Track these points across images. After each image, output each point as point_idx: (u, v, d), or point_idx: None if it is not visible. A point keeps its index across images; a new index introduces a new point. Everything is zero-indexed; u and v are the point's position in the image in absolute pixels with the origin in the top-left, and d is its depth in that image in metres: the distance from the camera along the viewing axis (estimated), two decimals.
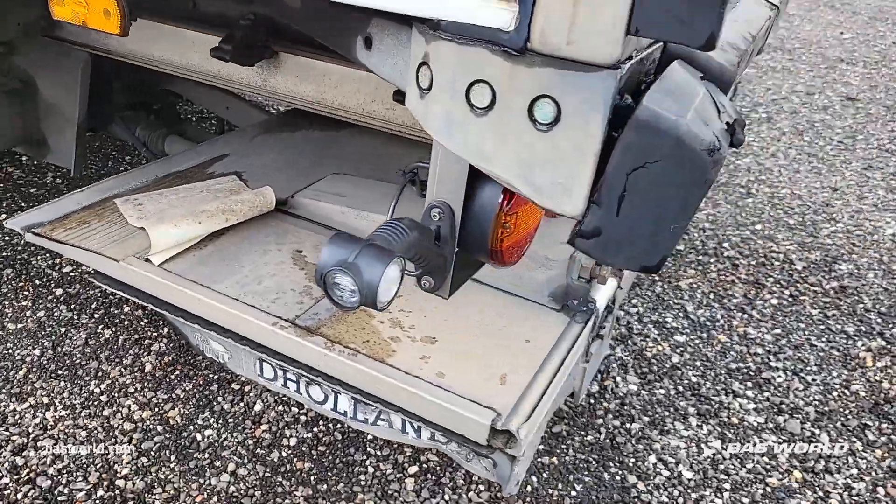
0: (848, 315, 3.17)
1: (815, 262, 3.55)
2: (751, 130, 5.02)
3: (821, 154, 4.71)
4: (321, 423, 2.36)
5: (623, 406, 2.61)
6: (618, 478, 2.31)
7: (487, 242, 1.05)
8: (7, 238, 3.12)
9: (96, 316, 2.74)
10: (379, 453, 2.29)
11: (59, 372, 2.47)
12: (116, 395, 2.40)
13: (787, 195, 4.20)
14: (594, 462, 2.38)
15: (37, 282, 2.90)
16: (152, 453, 2.20)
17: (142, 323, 2.70)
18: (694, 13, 0.69)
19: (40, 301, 2.81)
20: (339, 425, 2.37)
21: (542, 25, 0.77)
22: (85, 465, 2.14)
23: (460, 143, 0.88)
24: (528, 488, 2.25)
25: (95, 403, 2.36)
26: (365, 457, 2.28)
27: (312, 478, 2.19)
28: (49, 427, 2.26)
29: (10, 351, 2.55)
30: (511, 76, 0.81)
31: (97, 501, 2.04)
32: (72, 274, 2.92)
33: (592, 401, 2.62)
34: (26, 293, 2.85)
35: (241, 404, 2.42)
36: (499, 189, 1.03)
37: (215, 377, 2.50)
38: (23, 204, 3.41)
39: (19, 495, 2.03)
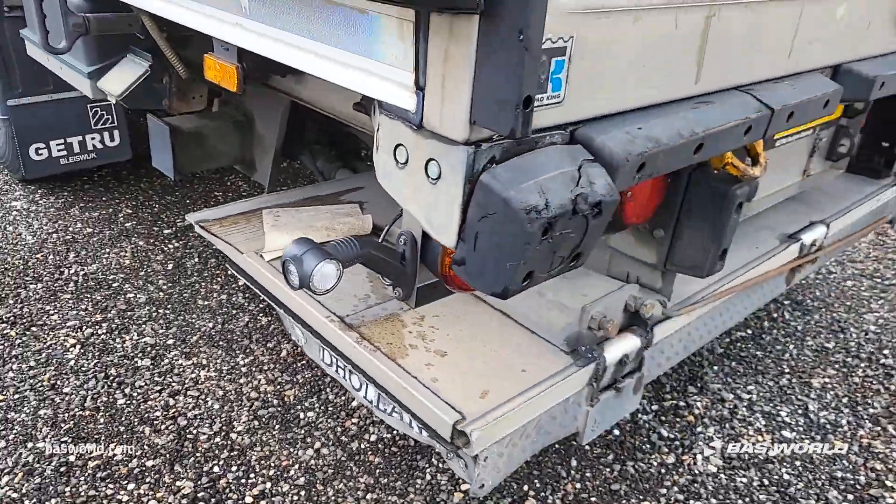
0: None
1: None
2: None
3: None
4: None
5: (694, 483, 2.67)
6: None
7: (438, 268, 1.40)
8: None
9: (260, 306, 3.47)
10: (440, 465, 2.65)
11: (220, 343, 3.20)
12: (253, 369, 3.05)
13: None
14: None
15: (228, 271, 3.73)
16: (263, 420, 2.79)
17: None
18: (500, 113, 1.02)
19: (226, 287, 3.62)
20: None
21: (427, 111, 1.14)
22: (213, 417, 2.79)
23: (391, 187, 1.27)
24: None
25: (236, 372, 3.03)
26: (427, 465, 2.65)
27: (378, 470, 2.62)
28: (199, 382, 2.96)
29: (193, 321, 3.34)
30: (416, 143, 1.18)
31: (213, 445, 2.66)
32: None
33: (664, 470, 2.71)
34: (219, 279, 3.68)
35: (343, 398, 2.93)
36: None
37: None
38: None
39: (162, 427, 2.72)
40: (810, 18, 1.70)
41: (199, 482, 2.52)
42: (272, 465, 2.62)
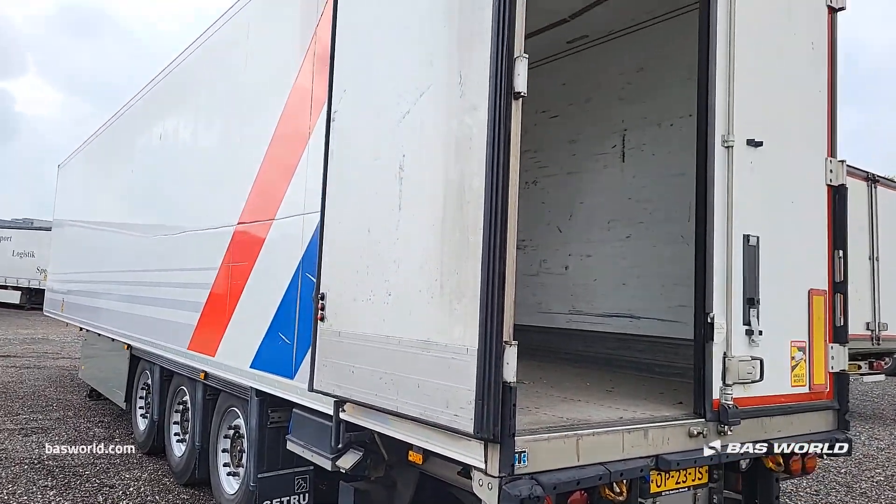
0: None
1: None
2: None
3: None
4: None
5: None
6: None
7: None
8: None
9: None
10: None
11: None
12: None
13: None
14: None
15: None
16: None
17: None
18: (507, 471, 4.45)
19: None
20: None
21: (486, 467, 4.59)
22: None
23: (481, 496, 4.66)
24: None
25: None
26: None
27: None
28: None
29: None
30: (484, 478, 4.61)
31: None
32: None
33: None
34: None
35: None
36: None
37: None
38: None
39: None
40: None
41: None
42: None
